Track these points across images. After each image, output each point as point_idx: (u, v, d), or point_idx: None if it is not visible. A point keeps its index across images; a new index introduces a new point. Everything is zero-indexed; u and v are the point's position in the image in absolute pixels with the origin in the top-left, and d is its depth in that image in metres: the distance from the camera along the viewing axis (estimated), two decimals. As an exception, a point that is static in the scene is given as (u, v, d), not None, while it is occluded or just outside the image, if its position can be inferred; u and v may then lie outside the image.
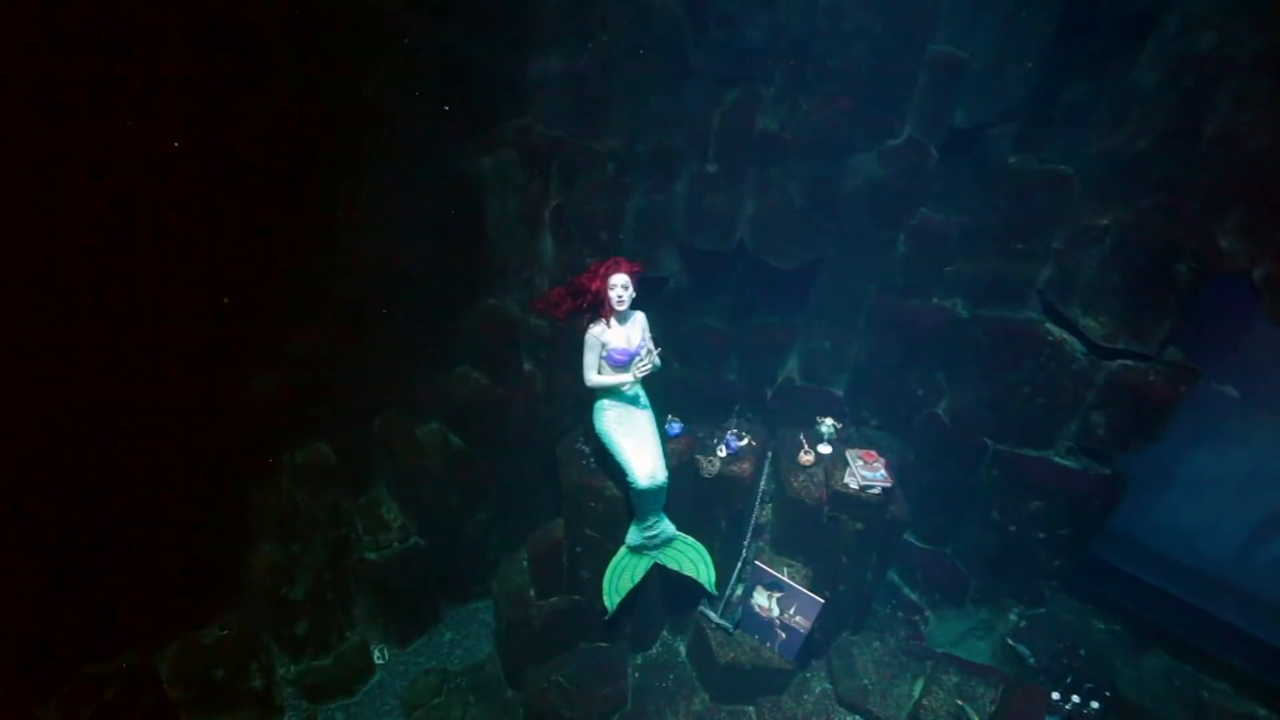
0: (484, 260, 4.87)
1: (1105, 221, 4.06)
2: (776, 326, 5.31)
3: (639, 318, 3.98)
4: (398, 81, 4.16)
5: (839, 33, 4.26)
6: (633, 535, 4.10)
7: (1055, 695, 3.78)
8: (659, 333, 4.46)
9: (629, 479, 3.74)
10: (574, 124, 4.58)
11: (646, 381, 4.03)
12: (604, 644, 4.57)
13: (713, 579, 4.27)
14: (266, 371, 4.19)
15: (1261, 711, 4.57)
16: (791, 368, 5.48)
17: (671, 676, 4.59)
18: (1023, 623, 4.82)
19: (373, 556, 4.82)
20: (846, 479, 4.04)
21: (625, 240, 4.88)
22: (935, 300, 4.86)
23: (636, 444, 3.78)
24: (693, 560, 4.23)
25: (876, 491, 3.97)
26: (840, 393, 5.32)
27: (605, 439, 3.84)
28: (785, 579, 4.11)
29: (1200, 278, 3.83)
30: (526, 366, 5.15)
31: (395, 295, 4.60)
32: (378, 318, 4.58)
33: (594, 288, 3.68)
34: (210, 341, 3.90)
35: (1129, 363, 4.14)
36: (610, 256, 3.82)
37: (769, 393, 5.46)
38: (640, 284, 4.94)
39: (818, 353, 5.30)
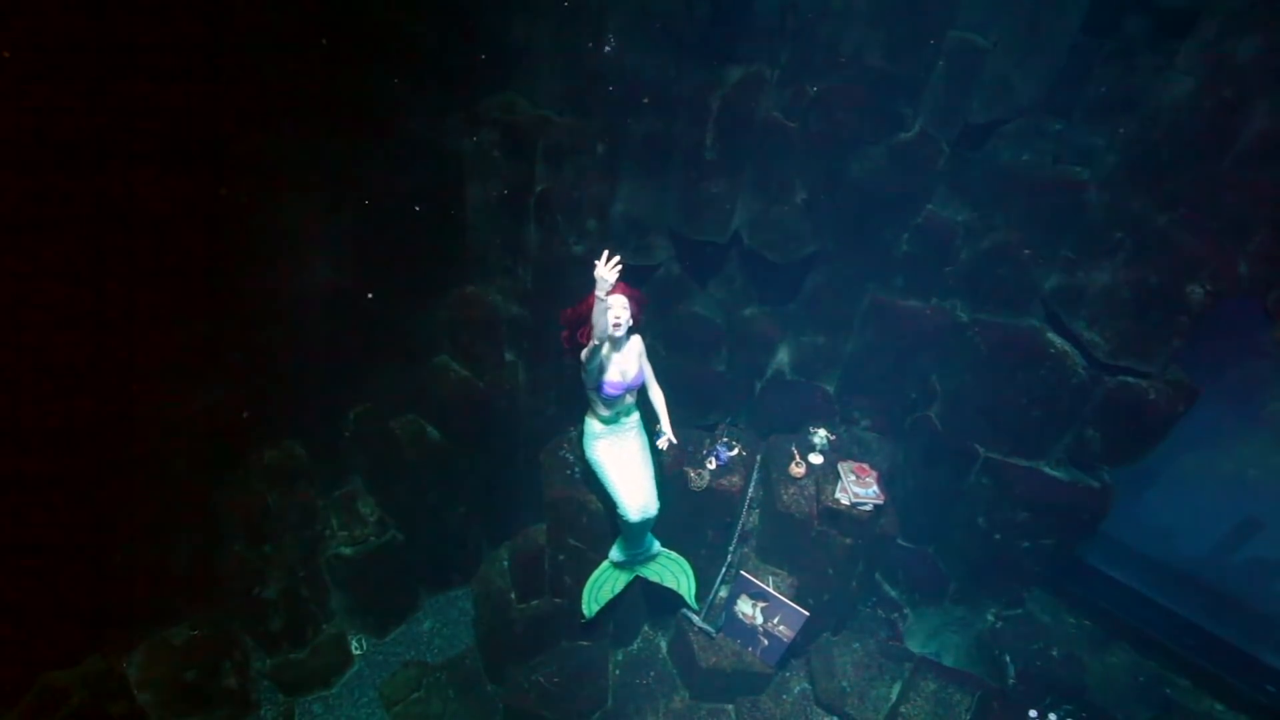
0: (463, 246, 4.57)
1: (1120, 234, 3.87)
2: (769, 319, 5.11)
3: (636, 345, 3.66)
4: (370, 53, 3.76)
5: (853, 13, 3.90)
6: (617, 552, 4.01)
7: (1033, 713, 3.84)
8: (647, 319, 4.23)
9: (619, 511, 3.60)
10: (562, 102, 4.21)
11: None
12: (585, 642, 4.55)
13: (694, 593, 4.23)
14: (232, 369, 3.94)
15: (1219, 707, 4.73)
16: (782, 360, 5.31)
17: (652, 673, 4.60)
18: (999, 623, 4.89)
19: (348, 552, 4.70)
20: (838, 494, 3.95)
21: (614, 228, 4.60)
22: (935, 301, 4.68)
23: (628, 475, 3.62)
24: (675, 575, 4.17)
25: (868, 509, 3.89)
26: (831, 389, 5.19)
27: (595, 468, 3.67)
28: (771, 590, 4.07)
29: (1214, 299, 3.69)
30: (508, 356, 4.92)
31: (368, 284, 4.32)
32: (349, 308, 4.30)
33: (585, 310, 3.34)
34: (175, 340, 3.66)
35: (1129, 379, 4.04)
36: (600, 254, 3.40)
37: (758, 385, 5.31)
38: (629, 272, 4.73)
39: (810, 347, 5.12)
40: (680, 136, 4.33)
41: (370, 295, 4.26)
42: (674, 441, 3.60)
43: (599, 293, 3.07)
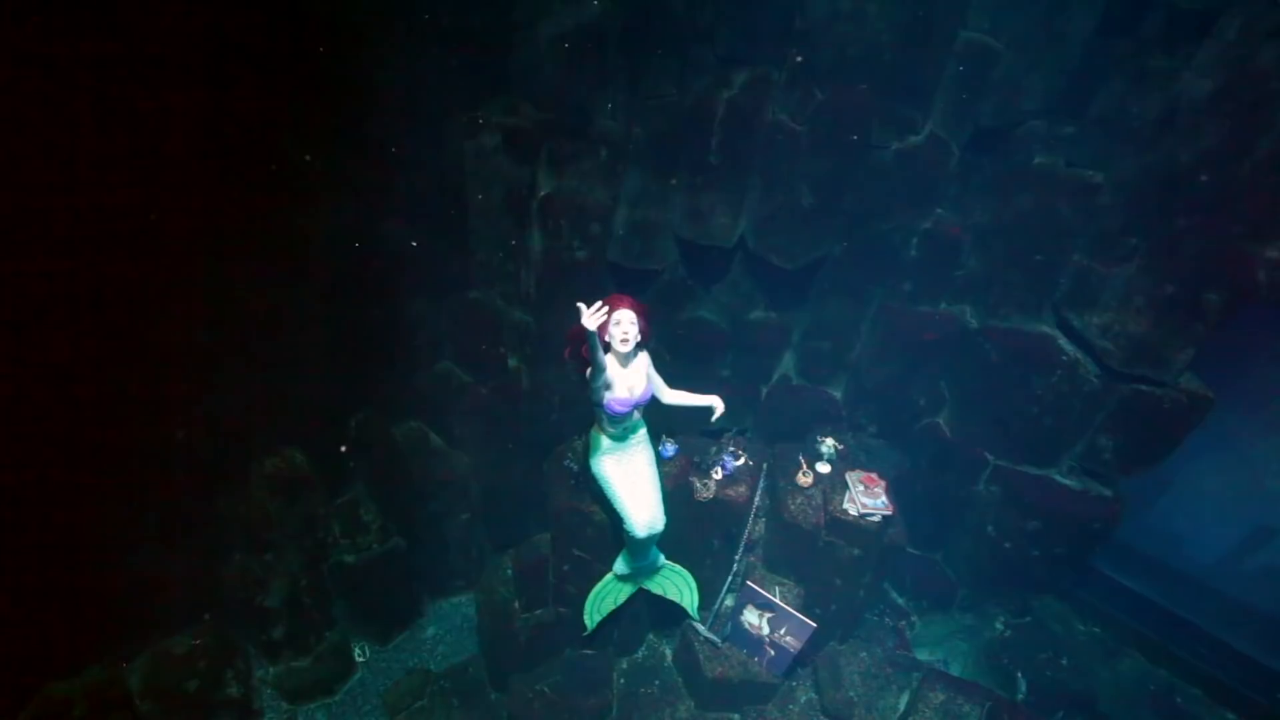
0: (465, 252, 4.52)
1: (1135, 240, 3.80)
2: (775, 323, 5.04)
3: (644, 360, 3.57)
4: (369, 56, 3.70)
5: (862, 15, 3.82)
6: (621, 565, 3.96)
7: (1043, 729, 3.80)
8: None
9: (625, 527, 3.55)
10: (565, 105, 4.15)
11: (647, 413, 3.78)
12: (589, 651, 4.51)
13: (696, 606, 4.18)
14: (233, 378, 3.89)
15: (1231, 717, 4.67)
16: (788, 366, 5.25)
17: (657, 682, 4.56)
18: (1008, 632, 4.83)
19: (351, 559, 4.66)
20: (846, 505, 3.89)
21: (618, 232, 4.54)
22: (944, 307, 4.62)
23: (635, 491, 3.57)
24: (678, 587, 4.12)
25: (876, 520, 3.83)
26: (838, 394, 5.13)
27: (602, 483, 3.62)
28: (777, 600, 4.02)
29: (1231, 307, 3.61)
30: (511, 362, 4.88)
31: (369, 289, 4.27)
32: (350, 315, 4.26)
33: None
34: (174, 348, 3.61)
35: (1143, 387, 3.97)
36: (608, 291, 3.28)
37: (764, 391, 5.25)
38: (633, 276, 4.67)
39: (817, 352, 5.06)
40: (685, 140, 4.26)
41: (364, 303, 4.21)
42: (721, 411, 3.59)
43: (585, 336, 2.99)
